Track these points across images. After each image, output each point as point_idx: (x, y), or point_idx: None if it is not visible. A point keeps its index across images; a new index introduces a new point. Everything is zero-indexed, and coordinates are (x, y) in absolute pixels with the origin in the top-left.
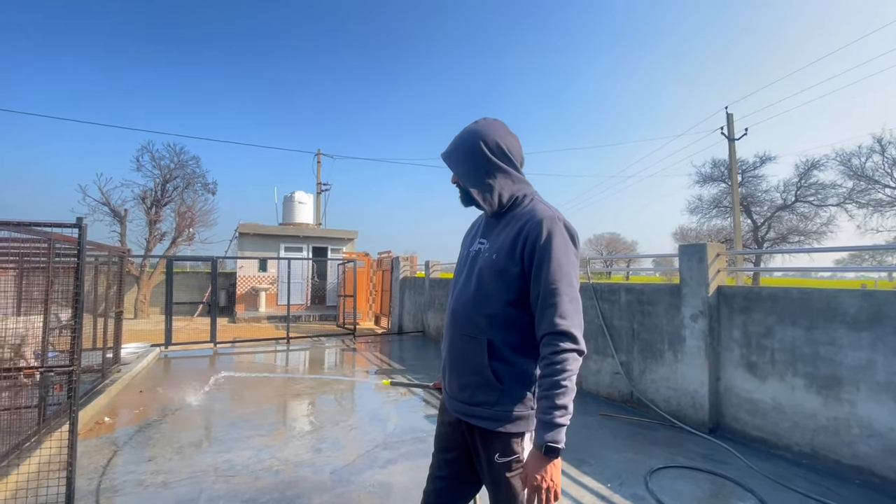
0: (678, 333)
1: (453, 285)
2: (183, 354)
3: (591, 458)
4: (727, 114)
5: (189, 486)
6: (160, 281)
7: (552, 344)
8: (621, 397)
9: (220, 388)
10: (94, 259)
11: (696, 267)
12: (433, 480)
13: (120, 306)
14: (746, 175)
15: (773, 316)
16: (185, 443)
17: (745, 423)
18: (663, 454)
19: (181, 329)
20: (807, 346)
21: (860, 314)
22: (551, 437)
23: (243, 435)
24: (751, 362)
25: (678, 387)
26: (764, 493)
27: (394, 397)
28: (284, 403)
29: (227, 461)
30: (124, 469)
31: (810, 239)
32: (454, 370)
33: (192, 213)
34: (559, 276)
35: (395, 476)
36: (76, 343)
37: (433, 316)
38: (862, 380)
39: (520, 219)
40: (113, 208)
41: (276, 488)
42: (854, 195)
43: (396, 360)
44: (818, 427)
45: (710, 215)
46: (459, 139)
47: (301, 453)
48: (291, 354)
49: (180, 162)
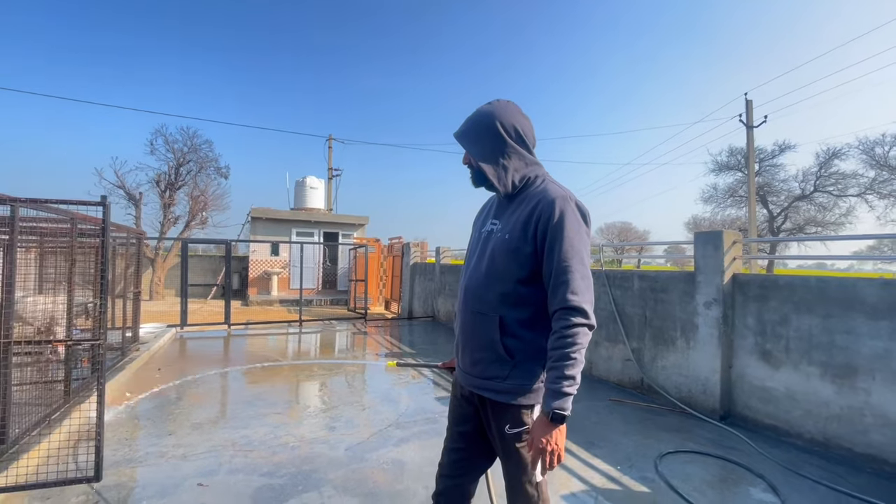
0: (691, 321)
1: (465, 265)
2: (198, 335)
3: (601, 441)
4: (746, 100)
5: (209, 459)
6: (174, 264)
7: (564, 318)
8: (632, 384)
9: (235, 368)
10: (113, 239)
11: (711, 254)
12: (448, 453)
13: (137, 287)
14: (764, 164)
15: (790, 304)
16: (203, 419)
17: (756, 410)
18: (673, 439)
19: (195, 311)
20: (823, 335)
21: (879, 303)
22: (559, 405)
23: (259, 412)
24: (765, 350)
25: (689, 374)
26: (774, 479)
27: (405, 380)
28: (298, 384)
29: (244, 437)
30: (146, 442)
31: (828, 230)
32: (467, 346)
33: (206, 197)
34: (571, 253)
35: (407, 454)
36: (102, 317)
37: (443, 301)
38: (878, 369)
39: (532, 199)
40: (128, 191)
41: (293, 463)
42: (876, 185)
43: (407, 344)
44: (831, 415)
45: (725, 205)
46: (474, 119)
47: (316, 431)
48: (304, 337)
49: (193, 146)
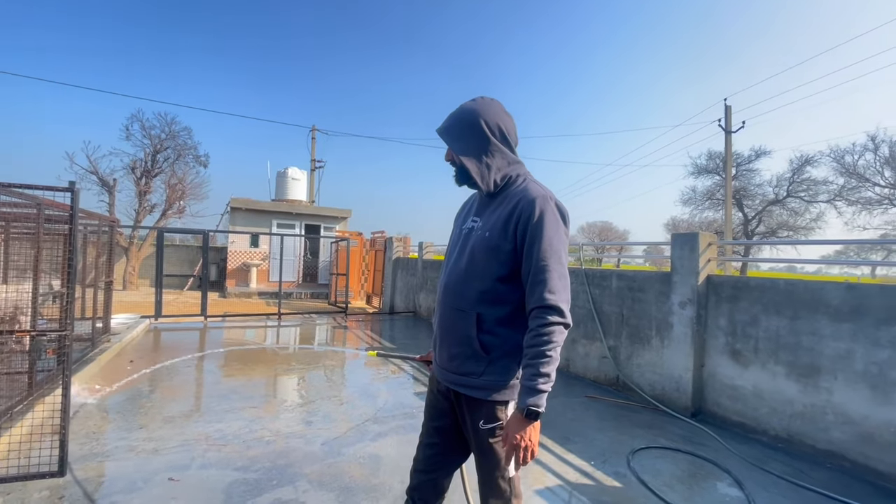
0: (666, 320)
1: (446, 261)
2: (173, 326)
3: (576, 437)
4: (725, 105)
5: (180, 454)
6: (150, 253)
7: (540, 317)
8: (608, 381)
9: (210, 361)
10: (83, 227)
11: (687, 255)
12: (423, 448)
13: (109, 276)
14: (741, 168)
15: (759, 305)
16: (175, 412)
17: (725, 407)
18: (646, 435)
19: (171, 302)
20: (790, 336)
21: (843, 306)
22: (533, 402)
23: (234, 406)
24: (735, 350)
25: (664, 372)
26: (740, 474)
27: (384, 374)
28: (275, 377)
29: (218, 430)
30: (115, 436)
31: (799, 234)
32: (444, 342)
33: (183, 186)
34: (549, 253)
35: (384, 449)
36: (69, 307)
37: (425, 297)
38: (840, 369)
39: (513, 198)
40: (101, 177)
41: (268, 458)
42: (845, 192)
43: (387, 339)
44: (795, 413)
45: (703, 207)
46: (458, 116)
47: (292, 425)
48: (283, 330)
49: (171, 132)
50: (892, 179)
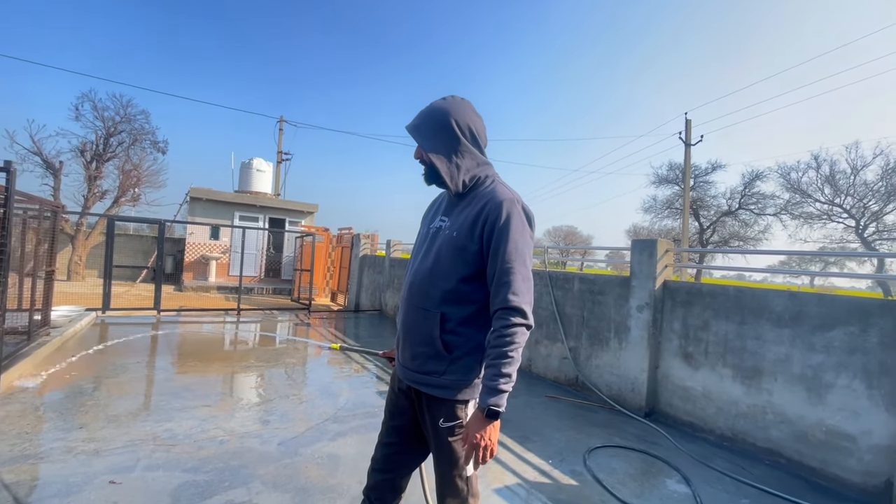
0: (624, 323)
1: (412, 260)
2: (122, 321)
3: (535, 436)
4: (686, 119)
5: (125, 455)
6: (98, 242)
7: (503, 318)
8: (567, 381)
9: (162, 357)
10: (21, 212)
11: (645, 261)
12: (381, 447)
13: (51, 265)
14: (698, 180)
15: (711, 311)
16: (121, 411)
17: (676, 408)
18: (602, 434)
19: (121, 294)
20: (737, 340)
21: (784, 313)
22: (494, 402)
23: (187, 405)
24: (687, 353)
25: (620, 373)
26: (688, 471)
27: (346, 372)
28: (232, 375)
29: (167, 430)
30: (52, 436)
31: (748, 244)
32: (407, 340)
33: (139, 172)
34: (515, 255)
35: (343, 448)
36: (0, 298)
37: (391, 295)
38: (780, 372)
39: (481, 199)
40: (46, 159)
41: (220, 458)
42: (789, 207)
43: (352, 337)
44: (739, 413)
45: (663, 215)
46: (428, 114)
47: (248, 424)
48: (242, 326)
49: (127, 115)
50: (831, 196)
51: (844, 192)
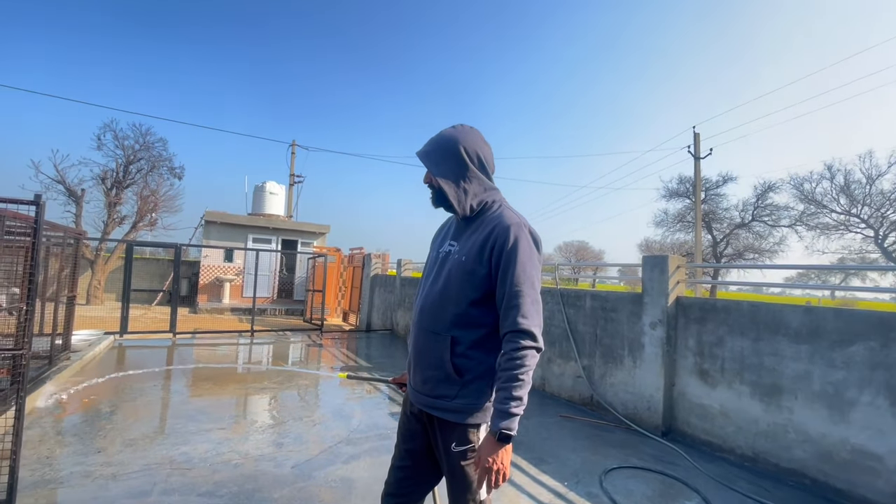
0: (638, 340)
1: (422, 284)
2: (139, 344)
3: (550, 457)
4: (694, 133)
5: (141, 479)
6: (117, 266)
7: (513, 341)
8: (582, 400)
9: (177, 380)
10: (46, 239)
11: (657, 277)
12: (395, 471)
13: (73, 291)
14: (709, 193)
15: (725, 327)
16: (138, 434)
17: (694, 426)
18: (618, 455)
19: (138, 317)
20: (753, 356)
21: (801, 328)
22: (506, 425)
23: (202, 428)
24: (703, 370)
25: (635, 391)
26: (708, 493)
27: (359, 394)
28: (246, 397)
29: (183, 454)
30: (71, 460)
31: (763, 257)
32: (418, 364)
33: (156, 198)
34: (523, 279)
35: (357, 471)
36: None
37: (403, 314)
38: (800, 389)
39: (489, 224)
40: (69, 187)
41: (235, 482)
42: (804, 218)
43: (363, 357)
44: (759, 432)
45: (675, 229)
46: (438, 142)
47: (262, 447)
48: (255, 348)
49: (146, 143)
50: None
51: (861, 201)
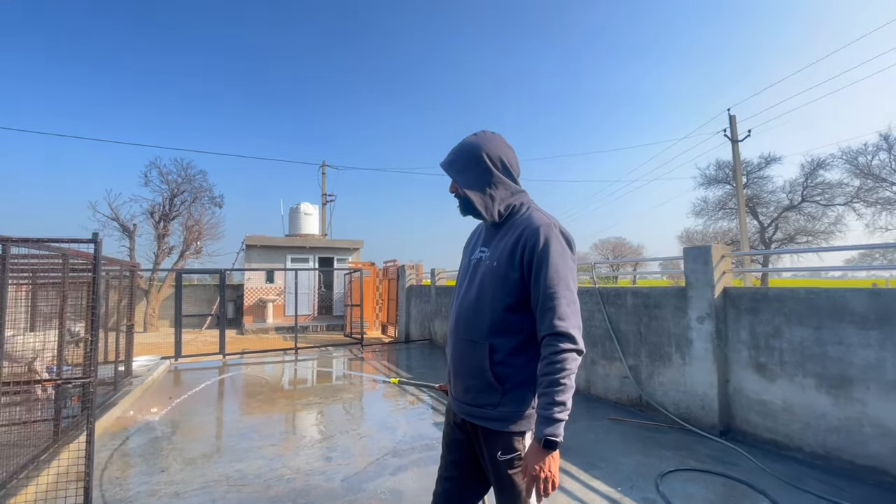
0: (685, 336)
1: (456, 292)
2: (193, 366)
3: (600, 461)
4: (729, 115)
5: (201, 497)
6: (169, 294)
7: (552, 344)
8: (630, 401)
9: (230, 399)
10: (105, 273)
11: (701, 269)
12: (442, 482)
13: (131, 320)
14: (751, 176)
15: (781, 316)
16: (196, 454)
17: (755, 424)
18: (674, 457)
19: (190, 341)
20: (815, 346)
21: (868, 313)
22: (550, 432)
23: (254, 445)
24: (759, 363)
25: (687, 389)
26: (776, 495)
27: (402, 405)
28: (294, 413)
29: (238, 471)
30: (138, 480)
31: (818, 239)
32: (458, 374)
33: (200, 227)
34: (556, 280)
35: (405, 483)
36: (92, 355)
37: (440, 323)
38: (872, 379)
39: (518, 226)
40: (122, 223)
41: (288, 496)
42: (861, 194)
43: (404, 368)
44: (830, 427)
45: (716, 217)
46: (461, 150)
47: (312, 462)
48: (300, 364)
49: (187, 176)
50: None
51: None
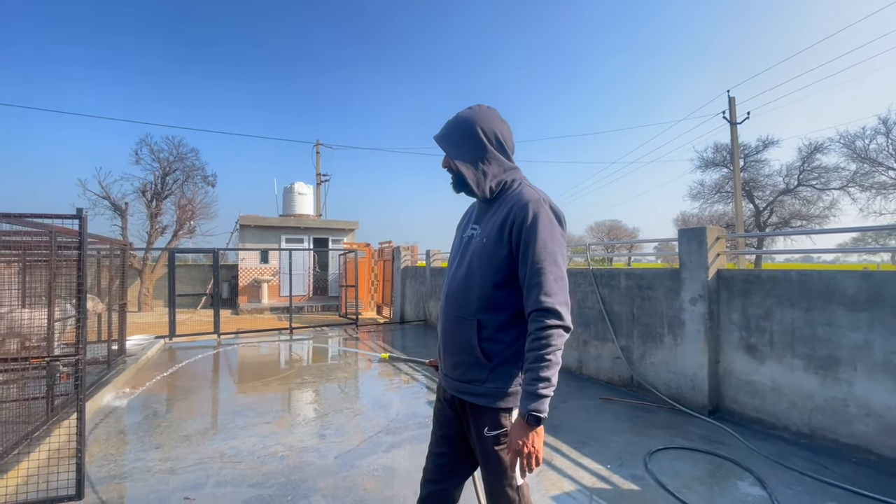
0: (678, 317)
1: (448, 270)
2: (187, 345)
3: (591, 440)
4: (729, 97)
5: (196, 473)
6: (163, 274)
7: (538, 320)
8: (622, 381)
9: (224, 378)
10: (96, 252)
11: (695, 251)
12: (432, 457)
13: (123, 299)
14: (749, 159)
15: (772, 298)
16: (191, 431)
17: (743, 404)
18: (663, 436)
19: (184, 321)
20: (805, 328)
21: (859, 295)
22: (535, 407)
23: (248, 422)
24: (750, 344)
25: (678, 370)
26: (762, 472)
27: (396, 384)
28: (288, 391)
29: (232, 448)
30: (133, 456)
31: (813, 223)
32: (448, 350)
33: (193, 206)
34: (544, 255)
35: (398, 460)
36: (81, 332)
37: (434, 304)
38: (859, 360)
39: (508, 202)
40: (113, 202)
41: (282, 473)
42: (857, 178)
43: (398, 348)
44: (816, 407)
45: (712, 200)
46: (455, 124)
47: (306, 439)
48: (294, 344)
49: (179, 154)
50: None
51: None
